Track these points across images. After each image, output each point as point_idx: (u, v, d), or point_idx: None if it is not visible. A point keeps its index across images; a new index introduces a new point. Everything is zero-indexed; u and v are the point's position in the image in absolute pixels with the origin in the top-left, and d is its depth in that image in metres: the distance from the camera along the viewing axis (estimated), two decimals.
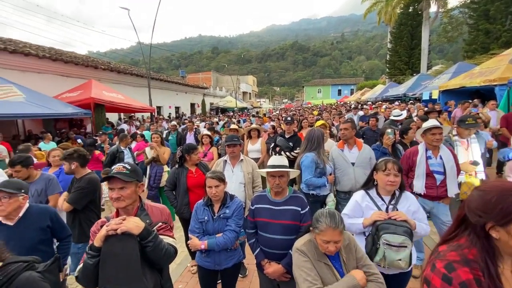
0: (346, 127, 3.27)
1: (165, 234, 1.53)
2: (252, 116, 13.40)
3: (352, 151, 3.24)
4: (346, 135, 3.26)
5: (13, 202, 1.87)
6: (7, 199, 1.84)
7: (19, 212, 1.94)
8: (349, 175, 3.11)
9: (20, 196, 1.90)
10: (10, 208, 1.86)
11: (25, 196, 1.95)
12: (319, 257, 1.56)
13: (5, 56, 9.84)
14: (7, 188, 1.83)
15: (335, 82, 52.74)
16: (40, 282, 1.24)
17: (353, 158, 3.18)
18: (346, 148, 3.29)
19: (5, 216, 1.89)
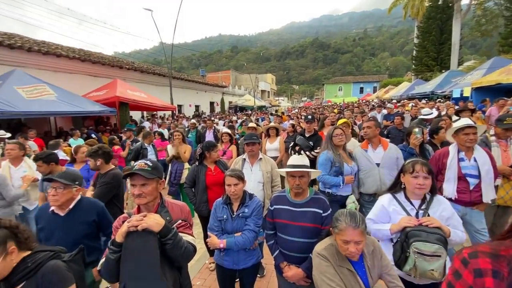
0: (369, 125, 3.09)
1: (184, 232, 1.52)
2: (270, 115, 13.32)
3: (376, 151, 3.06)
4: (369, 133, 3.08)
5: (67, 193, 1.94)
6: (62, 190, 1.91)
7: (71, 204, 2.01)
8: (373, 176, 2.96)
9: (74, 187, 1.98)
10: (63, 199, 1.93)
11: (78, 188, 2.03)
12: (341, 262, 1.48)
13: (39, 58, 10.51)
14: (62, 179, 1.90)
15: (357, 80, 51.04)
16: (64, 271, 1.28)
17: (377, 159, 3.01)
18: (370, 148, 3.11)
19: (58, 206, 1.96)
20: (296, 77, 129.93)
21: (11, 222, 1.24)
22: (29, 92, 7.74)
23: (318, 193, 1.99)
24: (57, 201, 1.93)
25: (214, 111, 25.98)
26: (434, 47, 24.18)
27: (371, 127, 3.08)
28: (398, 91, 22.30)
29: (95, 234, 2.18)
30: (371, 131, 3.08)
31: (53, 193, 1.92)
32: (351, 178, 2.98)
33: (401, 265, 1.66)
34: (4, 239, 1.16)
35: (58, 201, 1.93)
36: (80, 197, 2.12)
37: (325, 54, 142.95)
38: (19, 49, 9.71)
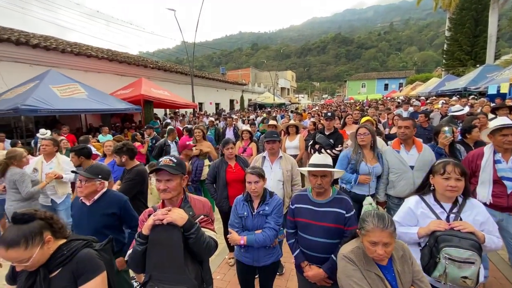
0: (407, 125, 2.79)
1: (206, 227, 1.56)
2: (290, 112, 13.18)
3: (410, 153, 2.81)
4: (406, 134, 2.79)
5: (90, 186, 2.10)
6: (85, 183, 2.08)
7: (95, 195, 2.17)
8: (407, 179, 2.73)
9: (97, 181, 2.14)
10: (87, 191, 2.10)
11: (102, 181, 2.18)
12: (369, 266, 1.42)
13: (72, 58, 11.18)
14: (86, 173, 2.08)
15: (382, 76, 48.95)
16: (96, 259, 1.37)
17: (411, 161, 2.77)
18: (403, 149, 2.85)
19: (84, 197, 2.15)
20: (316, 74, 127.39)
21: (46, 213, 1.34)
22: (63, 90, 8.27)
23: (341, 193, 1.94)
24: (82, 193, 2.11)
25: (234, 108, 26.21)
26: (467, 40, 22.58)
27: (409, 127, 2.79)
28: (426, 87, 21.09)
29: (117, 227, 2.30)
30: (409, 132, 2.79)
31: (79, 185, 2.11)
32: (366, 178, 2.83)
33: (429, 270, 1.58)
34: (40, 230, 1.25)
35: (82, 192, 2.10)
36: (106, 190, 2.26)
37: (347, 49, 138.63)
38: (54, 50, 10.38)
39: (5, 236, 1.17)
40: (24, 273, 1.27)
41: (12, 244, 1.16)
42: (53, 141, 3.82)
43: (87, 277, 1.30)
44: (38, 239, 1.23)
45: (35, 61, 9.89)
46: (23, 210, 1.26)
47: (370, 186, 2.87)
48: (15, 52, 9.32)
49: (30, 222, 1.23)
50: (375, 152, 2.93)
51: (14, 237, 1.17)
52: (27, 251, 1.18)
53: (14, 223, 1.22)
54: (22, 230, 1.20)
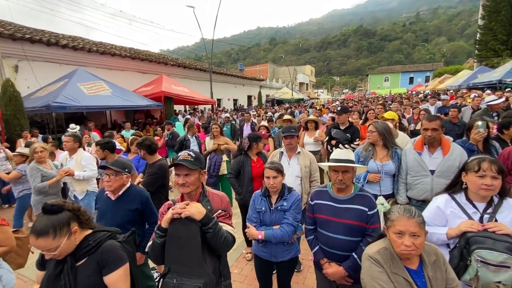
0: (435, 126, 2.34)
1: (224, 221, 1.56)
2: (309, 107, 12.95)
3: (433, 156, 2.44)
4: (434, 137, 2.38)
5: (118, 180, 2.15)
6: (114, 176, 2.12)
7: (121, 190, 2.22)
8: (424, 185, 2.45)
9: (124, 175, 2.18)
10: (115, 185, 2.15)
11: (128, 175, 2.22)
12: (397, 269, 1.33)
13: (97, 57, 11.68)
14: (114, 167, 2.12)
15: (406, 69, 46.62)
16: (120, 250, 1.42)
17: (433, 165, 2.42)
18: (426, 151, 2.49)
19: (111, 191, 2.19)
20: (337, 68, 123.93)
21: (74, 205, 1.40)
22: (89, 88, 8.69)
23: (364, 190, 1.87)
24: (110, 187, 2.14)
25: (252, 104, 26.20)
26: (503, 29, 20.82)
27: (437, 129, 2.35)
28: (456, 80, 19.78)
29: (138, 222, 2.33)
30: (437, 135, 2.37)
31: (107, 179, 2.14)
32: (376, 177, 2.66)
33: (459, 273, 1.48)
34: (68, 220, 1.31)
35: (111, 186, 2.14)
36: (129, 184, 2.30)
37: (370, 42, 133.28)
38: (81, 50, 10.90)
39: (36, 226, 1.24)
40: (53, 261, 1.34)
41: (41, 234, 1.22)
42: (74, 137, 3.85)
43: (111, 268, 1.35)
44: (65, 229, 1.28)
45: (64, 61, 10.44)
46: (52, 201, 1.32)
47: (381, 185, 2.68)
48: (46, 52, 9.90)
49: (59, 213, 1.29)
50: (390, 150, 2.73)
51: (44, 227, 1.23)
52: (55, 241, 1.24)
53: (44, 213, 1.28)
54: (51, 220, 1.26)
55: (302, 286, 2.95)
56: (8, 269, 2.05)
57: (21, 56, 9.16)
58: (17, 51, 9.00)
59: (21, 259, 2.24)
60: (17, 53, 9.03)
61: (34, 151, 3.61)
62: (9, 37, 8.72)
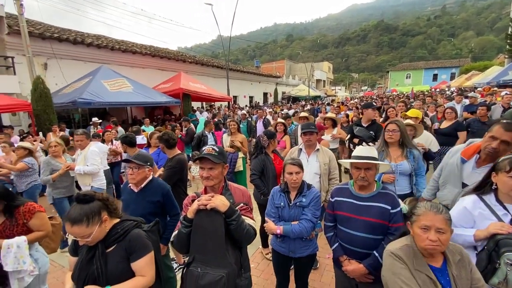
0: (508, 139, 1.82)
1: (245, 215, 1.60)
2: (327, 105, 12.75)
3: (477, 170, 2.00)
4: (498, 151, 1.85)
5: (141, 173, 2.23)
6: (137, 170, 2.20)
7: (143, 182, 2.30)
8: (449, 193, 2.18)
9: (147, 168, 2.26)
10: (139, 177, 2.22)
11: (150, 168, 2.30)
12: (420, 266, 1.31)
13: (120, 55, 12.10)
14: (137, 160, 2.20)
15: (430, 65, 44.38)
16: (145, 239, 1.50)
17: (470, 179, 2.03)
18: (473, 161, 2.05)
19: (134, 184, 2.28)
20: (355, 65, 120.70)
21: (103, 195, 1.49)
22: (112, 85, 9.03)
23: (387, 188, 1.83)
24: (134, 179, 2.22)
25: (267, 101, 26.15)
26: None
27: (510, 143, 1.83)
28: (484, 77, 18.67)
29: (160, 214, 2.39)
30: (503, 150, 1.84)
31: (131, 172, 2.22)
32: (390, 177, 2.58)
33: (486, 277, 1.43)
34: (98, 210, 1.40)
35: (134, 179, 2.22)
36: (151, 177, 2.38)
37: (391, 37, 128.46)
38: (104, 48, 11.35)
39: (70, 214, 1.33)
40: (85, 247, 1.43)
41: (76, 221, 1.31)
42: (85, 135, 3.95)
43: (137, 255, 1.43)
44: (97, 218, 1.37)
45: (89, 58, 10.91)
46: (85, 192, 1.42)
47: (396, 185, 2.60)
48: (72, 50, 10.39)
49: (91, 202, 1.38)
50: (405, 149, 2.63)
51: (77, 215, 1.32)
52: (88, 228, 1.33)
53: (77, 203, 1.38)
54: (84, 209, 1.35)
55: (318, 283, 2.95)
56: (43, 253, 2.21)
57: (50, 54, 9.67)
58: (46, 49, 9.52)
59: (54, 244, 2.41)
60: (46, 51, 9.55)
61: (49, 145, 3.81)
62: (39, 36, 9.24)
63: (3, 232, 1.96)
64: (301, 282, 2.28)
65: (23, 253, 1.94)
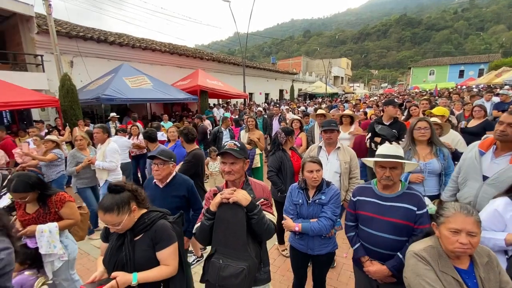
0: None
1: (266, 210, 1.61)
2: (345, 102, 12.47)
3: (496, 160, 2.00)
4: (507, 134, 1.94)
5: (166, 168, 2.27)
6: (162, 166, 2.24)
7: (168, 178, 2.34)
8: (470, 189, 2.11)
9: (171, 164, 2.30)
10: (164, 173, 2.26)
11: (174, 164, 2.35)
12: (445, 268, 1.27)
13: (140, 53, 12.44)
14: (162, 156, 2.24)
15: (456, 61, 42.03)
16: (170, 230, 1.55)
17: (490, 170, 2.01)
18: (491, 152, 2.06)
19: (159, 180, 2.32)
20: (375, 61, 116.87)
21: (132, 185, 1.55)
22: (133, 82, 9.31)
23: (412, 188, 1.77)
24: (159, 175, 2.25)
25: (283, 98, 25.96)
26: None
27: None
28: None
29: (185, 208, 2.42)
30: None
31: (156, 168, 2.25)
32: (418, 177, 2.46)
33: None
34: (128, 200, 1.47)
35: (160, 175, 2.25)
36: (175, 173, 2.42)
37: (414, 32, 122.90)
38: (126, 46, 11.71)
39: (103, 203, 1.41)
40: (115, 235, 1.51)
41: (108, 210, 1.39)
42: (103, 129, 4.07)
43: (162, 245, 1.48)
44: (127, 207, 1.44)
45: (111, 56, 11.31)
46: (116, 182, 1.49)
47: (425, 186, 2.48)
48: (96, 48, 10.81)
49: (121, 192, 1.45)
50: (433, 148, 2.52)
51: (109, 204, 1.40)
52: (119, 217, 1.41)
53: (109, 192, 1.45)
54: (115, 199, 1.42)
55: (335, 282, 2.92)
56: (72, 240, 2.34)
57: (76, 52, 10.12)
58: (72, 48, 9.97)
59: (82, 232, 2.54)
60: (72, 49, 10.00)
61: (75, 139, 4.05)
62: (66, 35, 9.68)
63: (37, 219, 2.10)
64: (319, 281, 2.27)
65: (54, 238, 2.07)
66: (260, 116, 8.32)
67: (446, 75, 40.45)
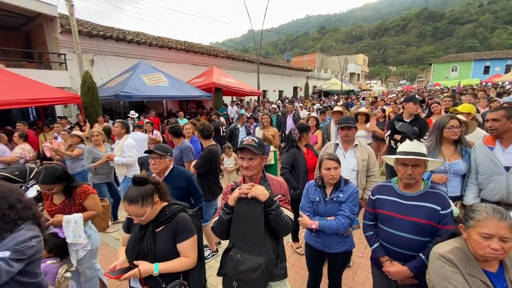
0: (495, 117, 2.20)
1: (283, 206, 1.60)
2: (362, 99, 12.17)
3: (508, 150, 2.18)
4: (496, 129, 2.20)
5: (163, 162, 2.34)
6: (159, 160, 2.32)
7: (166, 172, 2.42)
8: (498, 183, 2.16)
9: (167, 158, 2.37)
10: (160, 167, 2.34)
11: (170, 158, 2.42)
12: (473, 271, 1.21)
13: (157, 51, 12.69)
14: (159, 151, 2.31)
15: (481, 57, 39.75)
16: (190, 223, 1.59)
17: (508, 160, 2.16)
18: (498, 145, 2.24)
19: (157, 174, 2.39)
20: (393, 57, 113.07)
21: (155, 179, 1.60)
22: (150, 79, 9.52)
23: (436, 187, 1.70)
24: (156, 169, 2.32)
25: (297, 96, 25.69)
26: None
27: (498, 119, 2.18)
28: None
29: (186, 199, 2.49)
30: (499, 125, 2.18)
31: (153, 162, 2.32)
32: (442, 177, 2.36)
33: None
34: (151, 192, 1.52)
35: (157, 168, 2.32)
36: (172, 166, 2.48)
37: (435, 27, 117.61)
38: (143, 44, 11.98)
39: (128, 194, 1.47)
40: (137, 226, 1.56)
41: (132, 201, 1.44)
42: (122, 124, 4.20)
43: (183, 237, 1.52)
44: (150, 199, 1.49)
45: (129, 54, 11.61)
46: (140, 174, 1.55)
47: (448, 187, 2.38)
48: (115, 47, 11.13)
49: (145, 185, 1.49)
50: (458, 147, 2.42)
51: (134, 196, 1.45)
52: (142, 209, 1.46)
53: (134, 185, 1.50)
54: (140, 191, 1.47)
55: (351, 282, 2.88)
56: (95, 231, 2.44)
57: (96, 51, 10.47)
58: (92, 46, 10.32)
59: (104, 223, 2.64)
60: (93, 48, 10.35)
61: (92, 135, 4.16)
62: (87, 35, 10.03)
63: (63, 210, 2.20)
64: (334, 280, 2.24)
65: (79, 228, 2.17)
66: (274, 113, 8.30)
67: (470, 71, 38.48)
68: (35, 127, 8.10)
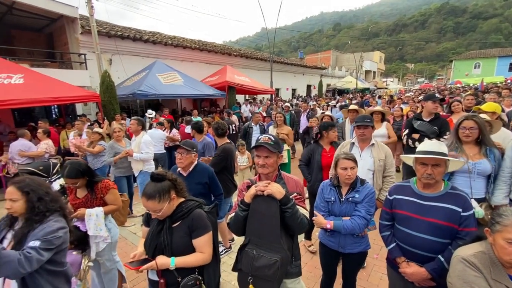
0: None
1: (299, 204, 1.61)
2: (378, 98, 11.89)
3: None
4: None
5: (188, 158, 2.44)
6: (185, 155, 2.41)
7: (190, 167, 2.51)
8: None
9: (193, 153, 2.46)
10: (186, 162, 2.44)
11: (195, 154, 2.51)
12: (499, 276, 1.17)
13: (172, 50, 12.91)
14: (186, 146, 2.41)
15: (506, 53, 37.52)
16: (206, 219, 1.63)
17: None
18: None
19: (182, 168, 2.49)
20: (411, 54, 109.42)
21: (172, 175, 1.64)
22: (165, 78, 9.71)
23: (456, 188, 1.65)
24: (182, 164, 2.41)
25: (311, 94, 25.41)
26: None
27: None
28: None
29: (207, 195, 2.57)
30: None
31: (179, 157, 2.42)
32: None
33: None
34: (168, 188, 1.56)
35: (183, 163, 2.41)
36: (196, 162, 2.57)
37: (457, 22, 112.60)
38: (159, 44, 12.23)
39: (146, 190, 1.52)
40: (155, 220, 1.61)
41: (150, 197, 1.49)
42: (138, 121, 4.30)
43: (198, 233, 1.56)
44: (167, 195, 1.53)
45: (145, 54, 11.88)
46: (158, 171, 1.59)
47: (472, 187, 2.28)
48: (132, 47, 11.42)
49: (163, 181, 1.54)
50: (482, 147, 2.31)
51: (152, 192, 1.50)
52: (160, 204, 1.50)
53: (152, 181, 1.55)
54: (157, 187, 1.52)
55: (366, 283, 2.84)
56: (114, 224, 2.54)
57: (114, 50, 10.79)
58: (111, 46, 10.64)
59: (123, 218, 2.75)
60: (111, 48, 10.67)
61: (114, 130, 4.34)
62: (106, 35, 10.36)
63: (86, 204, 2.30)
64: (349, 280, 2.22)
65: (100, 221, 2.27)
66: (288, 112, 8.26)
67: (494, 68, 36.60)
68: (57, 124, 8.47)
